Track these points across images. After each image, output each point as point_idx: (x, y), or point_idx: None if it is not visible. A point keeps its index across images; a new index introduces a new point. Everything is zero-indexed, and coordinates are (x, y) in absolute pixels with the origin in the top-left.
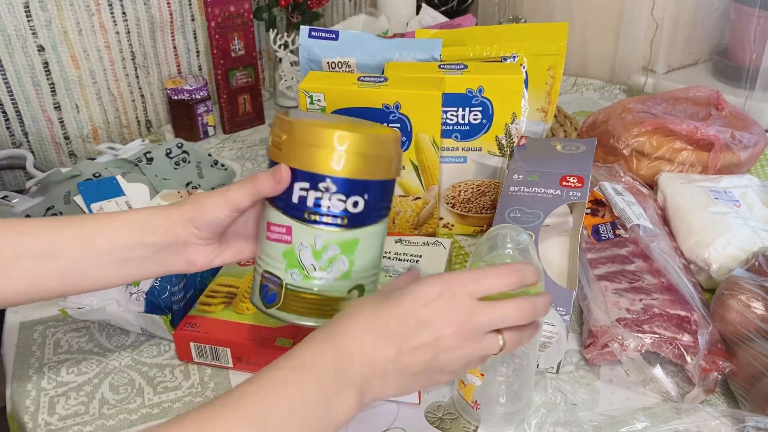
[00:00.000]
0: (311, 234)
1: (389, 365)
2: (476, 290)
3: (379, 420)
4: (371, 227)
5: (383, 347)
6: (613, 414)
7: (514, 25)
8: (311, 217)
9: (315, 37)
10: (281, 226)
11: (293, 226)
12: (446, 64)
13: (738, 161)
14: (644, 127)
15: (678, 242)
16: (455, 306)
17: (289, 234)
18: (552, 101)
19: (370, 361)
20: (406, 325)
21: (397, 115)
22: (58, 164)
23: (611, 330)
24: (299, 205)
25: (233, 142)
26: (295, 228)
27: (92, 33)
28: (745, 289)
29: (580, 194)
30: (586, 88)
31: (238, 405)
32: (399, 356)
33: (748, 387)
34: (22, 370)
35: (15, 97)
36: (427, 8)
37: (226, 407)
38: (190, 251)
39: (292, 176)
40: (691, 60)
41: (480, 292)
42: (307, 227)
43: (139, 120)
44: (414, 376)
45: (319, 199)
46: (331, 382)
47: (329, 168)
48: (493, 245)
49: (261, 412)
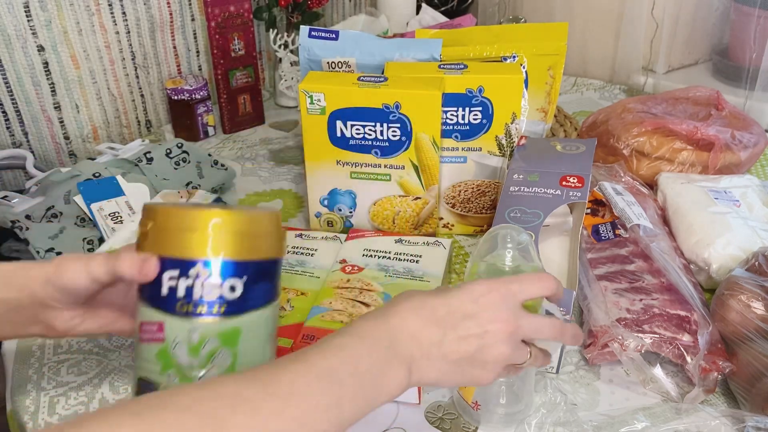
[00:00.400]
0: (185, 327)
1: (433, 348)
2: (521, 291)
3: (379, 420)
4: (255, 313)
5: (429, 329)
6: (613, 414)
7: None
8: (184, 309)
9: (315, 37)
10: (152, 323)
11: (165, 321)
12: (446, 64)
13: (738, 161)
14: (644, 127)
15: (678, 242)
16: (504, 305)
17: (162, 331)
18: (552, 101)
19: (417, 340)
20: (454, 315)
21: (397, 115)
22: (58, 164)
23: (611, 330)
24: (169, 297)
25: (233, 142)
26: (167, 323)
27: (92, 33)
28: (745, 289)
29: (580, 194)
30: (586, 88)
31: (304, 360)
32: (444, 341)
33: (748, 387)
34: (22, 369)
35: (15, 97)
36: (427, 8)
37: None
38: (47, 314)
39: (160, 266)
40: (691, 60)
41: (525, 294)
42: (181, 320)
43: (139, 120)
44: (455, 364)
45: (191, 287)
46: (383, 353)
47: (199, 251)
48: (494, 245)
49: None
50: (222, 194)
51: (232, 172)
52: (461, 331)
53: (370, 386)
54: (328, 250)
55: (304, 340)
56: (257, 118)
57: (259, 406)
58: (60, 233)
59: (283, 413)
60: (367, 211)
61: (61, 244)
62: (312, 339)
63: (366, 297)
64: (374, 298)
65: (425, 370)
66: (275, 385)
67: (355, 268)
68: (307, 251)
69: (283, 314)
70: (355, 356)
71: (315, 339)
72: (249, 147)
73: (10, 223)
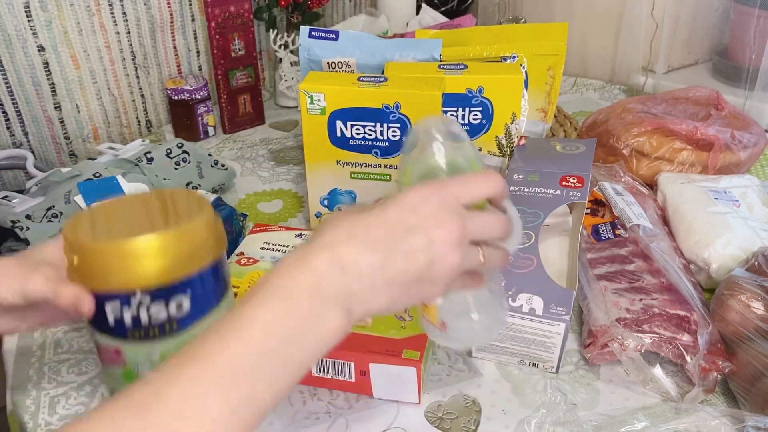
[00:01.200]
0: (143, 351)
1: (376, 275)
2: (463, 193)
3: (379, 420)
4: (210, 316)
5: (368, 256)
6: (613, 414)
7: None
8: (136, 335)
9: (315, 37)
10: (109, 348)
11: (121, 347)
12: (446, 64)
13: (738, 161)
14: (644, 127)
15: (678, 242)
16: (446, 210)
17: (120, 355)
18: (552, 101)
19: (353, 272)
20: (394, 232)
21: (397, 115)
22: (58, 164)
23: (611, 330)
24: (118, 327)
25: (233, 142)
26: (123, 348)
27: (92, 33)
28: (744, 289)
29: (580, 194)
30: (586, 88)
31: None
32: (386, 265)
33: (748, 387)
34: (23, 369)
35: (15, 97)
36: (427, 8)
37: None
38: None
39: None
40: (691, 60)
41: (467, 196)
42: (137, 345)
43: (139, 120)
44: (404, 287)
45: (137, 316)
46: (306, 306)
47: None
48: (422, 143)
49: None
50: (222, 194)
51: (232, 172)
52: (405, 247)
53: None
54: None
55: None
56: (257, 118)
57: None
58: (60, 233)
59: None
60: None
61: None
62: None
63: None
64: None
65: (369, 302)
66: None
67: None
68: None
69: None
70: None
71: None
72: (249, 147)
73: (10, 223)
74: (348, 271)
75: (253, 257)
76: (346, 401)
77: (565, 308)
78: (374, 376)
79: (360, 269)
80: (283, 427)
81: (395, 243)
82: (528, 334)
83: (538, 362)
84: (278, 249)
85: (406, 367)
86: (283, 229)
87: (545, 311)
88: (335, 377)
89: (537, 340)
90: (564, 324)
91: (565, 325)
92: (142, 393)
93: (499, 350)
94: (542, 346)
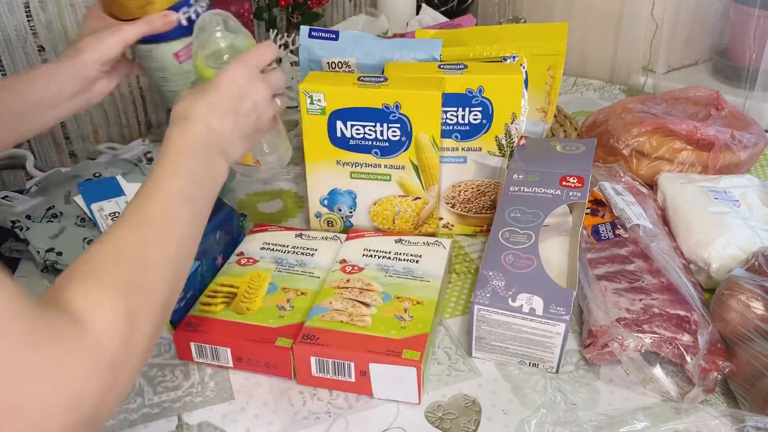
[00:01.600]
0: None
1: (235, 132)
2: (259, 62)
3: (379, 420)
4: None
5: (226, 120)
6: (613, 414)
7: (514, 25)
8: None
9: (315, 37)
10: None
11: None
12: (446, 64)
13: (738, 161)
14: (644, 127)
15: (678, 242)
16: (255, 79)
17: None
18: (552, 101)
19: (221, 133)
20: (232, 102)
21: (397, 115)
22: (59, 164)
23: (611, 330)
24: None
25: None
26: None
27: None
28: (744, 289)
29: (580, 194)
30: (586, 88)
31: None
32: (237, 123)
33: (748, 387)
34: None
35: None
36: (427, 8)
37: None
38: (95, 85)
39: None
40: (691, 60)
41: (261, 63)
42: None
43: (139, 120)
44: (248, 137)
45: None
46: (203, 154)
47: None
48: (204, 35)
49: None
50: (222, 194)
51: (232, 172)
52: (243, 110)
53: (210, 184)
54: (328, 250)
55: (304, 340)
56: None
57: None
58: (60, 233)
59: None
60: (367, 211)
61: (61, 244)
62: (312, 338)
63: (366, 297)
64: (374, 298)
65: (234, 151)
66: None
67: (355, 268)
68: (307, 251)
69: (283, 314)
70: (192, 171)
71: (316, 339)
72: None
73: (10, 223)
74: (218, 132)
75: (253, 257)
76: (346, 401)
77: (565, 308)
78: (374, 376)
79: (224, 130)
80: (283, 427)
81: (237, 108)
82: (528, 334)
83: (538, 362)
84: (278, 249)
85: (406, 367)
86: (283, 229)
87: (545, 311)
88: (335, 377)
89: (537, 340)
90: (564, 324)
91: (565, 325)
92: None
93: (499, 350)
94: (542, 346)
